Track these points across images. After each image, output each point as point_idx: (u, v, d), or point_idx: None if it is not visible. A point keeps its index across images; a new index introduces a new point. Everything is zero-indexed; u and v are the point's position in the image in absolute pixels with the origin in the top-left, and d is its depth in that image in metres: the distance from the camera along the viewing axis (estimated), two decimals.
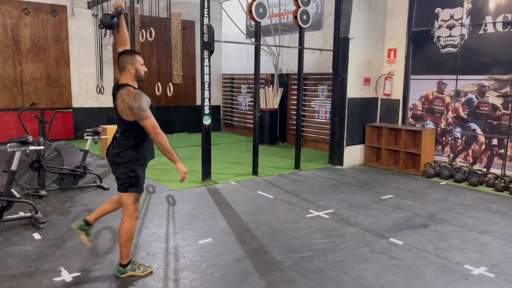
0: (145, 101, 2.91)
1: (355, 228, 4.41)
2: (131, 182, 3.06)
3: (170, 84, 7.10)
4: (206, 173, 6.13)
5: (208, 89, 5.95)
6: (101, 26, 3.44)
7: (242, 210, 4.90)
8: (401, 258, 3.67)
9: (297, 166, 7.24)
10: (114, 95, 3.03)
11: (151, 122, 2.89)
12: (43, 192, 5.20)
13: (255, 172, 6.67)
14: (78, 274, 3.26)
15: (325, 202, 5.32)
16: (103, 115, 10.11)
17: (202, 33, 5.81)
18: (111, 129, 7.91)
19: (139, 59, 3.07)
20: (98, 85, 9.93)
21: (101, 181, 5.78)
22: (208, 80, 5.92)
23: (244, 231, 4.25)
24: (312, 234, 4.19)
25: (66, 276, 3.23)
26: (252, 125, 10.05)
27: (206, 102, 5.97)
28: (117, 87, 3.04)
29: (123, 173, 3.05)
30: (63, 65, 9.61)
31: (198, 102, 11.36)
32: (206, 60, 5.88)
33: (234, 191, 5.71)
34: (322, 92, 9.05)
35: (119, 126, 3.07)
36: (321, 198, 5.47)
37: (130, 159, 3.03)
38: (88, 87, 9.96)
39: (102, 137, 6.01)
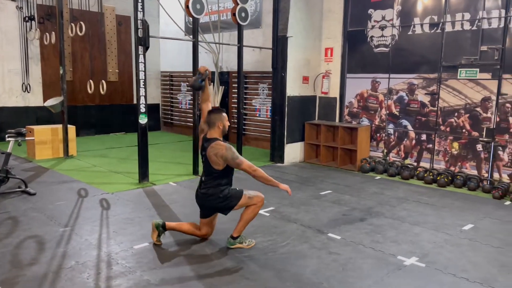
0: (235, 151, 3.55)
1: (295, 224, 4.43)
2: (229, 200, 3.61)
3: (103, 81, 6.73)
4: (143, 174, 5.88)
5: (143, 86, 5.72)
6: (191, 88, 4.34)
7: (181, 212, 4.75)
8: (339, 252, 3.74)
9: None
10: (204, 147, 3.62)
11: (247, 165, 3.50)
12: None
13: (195, 171, 6.51)
14: None
15: (266, 199, 5.28)
16: (30, 115, 9.39)
17: (136, 29, 5.56)
18: (39, 130, 7.36)
19: (225, 115, 3.66)
20: (24, 83, 9.21)
21: (26, 186, 5.34)
22: (143, 78, 5.69)
23: (183, 233, 4.10)
24: (253, 233, 4.14)
25: None
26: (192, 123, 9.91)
27: (142, 100, 5.73)
28: (207, 140, 3.62)
29: (218, 200, 3.62)
30: None
31: (136, 101, 10.92)
32: (141, 57, 5.64)
33: (173, 192, 5.53)
34: (263, 90, 9.08)
35: (208, 172, 3.62)
36: None
37: (217, 191, 3.61)
38: (12, 85, 9.19)
39: (27, 138, 5.54)
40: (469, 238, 4.13)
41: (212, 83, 9.93)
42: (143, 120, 5.75)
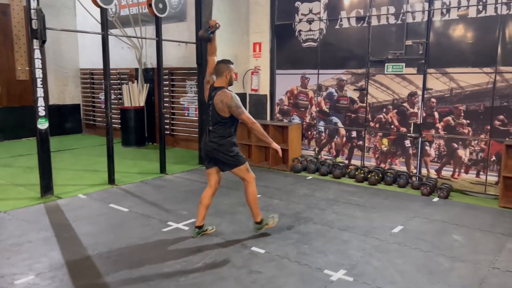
0: (239, 100, 3.71)
1: (216, 239, 3.98)
2: (234, 160, 3.80)
3: None
4: (46, 187, 5.13)
5: (42, 86, 4.97)
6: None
7: (84, 231, 4.11)
8: (261, 270, 3.34)
9: (162, 170, 6.59)
10: (211, 96, 3.78)
11: (247, 116, 3.70)
12: None
13: (111, 180, 5.84)
14: None
15: (187, 210, 4.80)
16: None
17: (29, 19, 4.79)
18: None
19: (233, 68, 3.82)
20: None
21: None
22: (40, 76, 4.95)
23: (81, 259, 3.50)
24: (166, 252, 3.64)
25: None
26: (118, 125, 9.11)
27: (40, 102, 4.97)
28: (214, 89, 3.78)
29: (225, 156, 3.78)
30: None
31: (52, 101, 9.91)
32: (37, 52, 4.89)
33: (80, 207, 4.85)
34: (191, 88, 8.53)
35: (214, 120, 3.76)
36: (184, 206, 4.94)
37: (228, 145, 3.78)
38: None
39: None
40: (399, 243, 3.91)
41: (136, 81, 9.22)
42: (42, 125, 5.00)
